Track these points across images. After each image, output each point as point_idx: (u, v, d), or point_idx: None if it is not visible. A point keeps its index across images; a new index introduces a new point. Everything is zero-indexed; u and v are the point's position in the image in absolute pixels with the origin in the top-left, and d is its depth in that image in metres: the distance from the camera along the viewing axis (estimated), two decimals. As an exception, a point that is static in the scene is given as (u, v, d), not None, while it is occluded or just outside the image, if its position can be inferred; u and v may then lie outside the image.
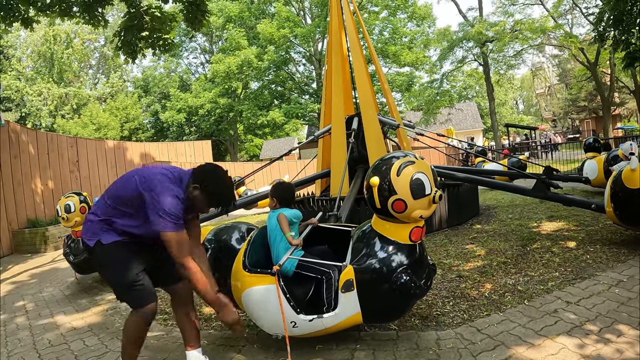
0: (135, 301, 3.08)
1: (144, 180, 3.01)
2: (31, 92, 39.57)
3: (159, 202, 2.90)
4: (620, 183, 4.95)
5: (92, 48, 48.60)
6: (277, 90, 39.75)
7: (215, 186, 3.08)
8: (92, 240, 3.09)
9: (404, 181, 2.97)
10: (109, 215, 3.10)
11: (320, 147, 9.39)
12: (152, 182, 2.98)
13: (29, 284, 7.59)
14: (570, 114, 52.04)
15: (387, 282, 3.08)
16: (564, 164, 17.57)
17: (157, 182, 2.98)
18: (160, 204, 2.90)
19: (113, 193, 3.14)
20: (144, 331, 3.16)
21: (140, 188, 2.99)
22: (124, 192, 3.08)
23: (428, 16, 35.95)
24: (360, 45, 9.21)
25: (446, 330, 3.62)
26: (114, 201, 3.10)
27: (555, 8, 29.85)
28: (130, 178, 3.09)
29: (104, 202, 3.15)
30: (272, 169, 18.32)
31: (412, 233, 3.13)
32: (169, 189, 2.97)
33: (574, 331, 3.33)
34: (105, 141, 16.21)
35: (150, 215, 2.93)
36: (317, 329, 3.27)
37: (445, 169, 8.76)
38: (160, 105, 45.93)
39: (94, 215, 3.16)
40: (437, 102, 32.53)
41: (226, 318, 3.09)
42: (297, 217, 3.71)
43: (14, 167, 11.50)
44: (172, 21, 10.75)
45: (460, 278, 4.84)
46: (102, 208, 3.14)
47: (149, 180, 2.99)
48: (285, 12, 34.35)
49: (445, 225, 7.74)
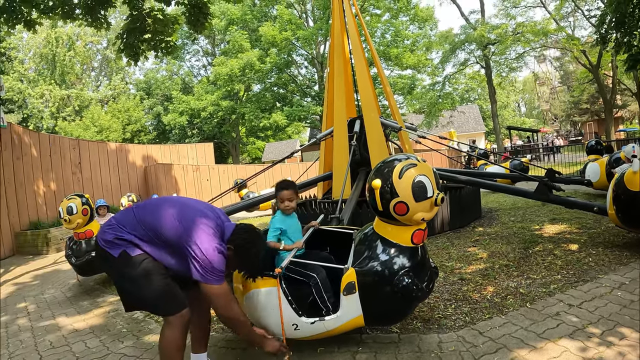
0: (173, 307, 2.98)
1: (186, 226, 2.95)
2: (33, 94, 39.64)
3: (206, 259, 2.87)
4: (623, 186, 4.94)
5: (95, 50, 48.69)
6: (280, 93, 39.75)
7: (248, 258, 3.07)
8: (115, 249, 2.97)
9: (406, 184, 2.97)
10: (141, 239, 3.00)
11: (323, 150, 9.39)
12: (197, 232, 2.92)
13: (30, 285, 7.60)
14: (572, 116, 52.00)
15: (389, 285, 3.07)
16: (566, 167, 17.54)
17: (203, 233, 2.92)
18: (208, 261, 2.87)
19: (149, 223, 3.02)
20: (184, 339, 3.03)
21: (182, 236, 2.93)
22: (162, 229, 2.98)
23: (430, 19, 35.92)
24: (363, 48, 9.21)
25: (448, 333, 3.61)
26: (149, 231, 3.00)
27: (557, 10, 29.84)
28: (169, 216, 3.01)
29: (136, 223, 3.03)
30: (274, 172, 18.31)
31: (414, 236, 3.12)
32: (215, 243, 2.93)
33: (576, 334, 3.32)
34: (108, 143, 16.25)
35: (194, 266, 2.89)
36: (319, 332, 3.27)
37: (447, 171, 8.76)
38: (163, 108, 45.98)
39: (120, 227, 3.03)
40: (439, 105, 32.53)
41: (270, 349, 3.16)
42: (279, 226, 3.67)
43: (17, 168, 11.52)
44: (174, 24, 10.77)
45: (463, 281, 4.83)
46: (133, 227, 3.02)
47: (192, 229, 2.93)
48: (288, 15, 34.36)
49: (447, 227, 7.74)
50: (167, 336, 2.97)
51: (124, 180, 16.27)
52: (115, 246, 2.97)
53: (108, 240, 3.00)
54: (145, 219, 3.03)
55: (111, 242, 2.98)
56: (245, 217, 13.70)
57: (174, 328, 2.96)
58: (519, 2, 30.82)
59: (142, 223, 3.01)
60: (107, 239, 3.00)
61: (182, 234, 2.93)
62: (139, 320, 4.92)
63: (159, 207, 3.11)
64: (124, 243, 2.97)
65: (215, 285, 2.90)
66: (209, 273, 2.87)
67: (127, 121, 41.77)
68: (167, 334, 2.97)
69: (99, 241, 3.04)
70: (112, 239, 2.99)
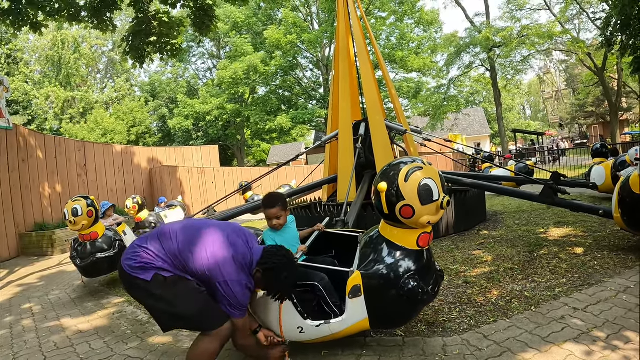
0: (217, 321, 2.99)
1: (215, 261, 2.94)
2: (39, 95, 39.77)
3: (234, 295, 2.93)
4: (628, 189, 4.92)
5: (100, 53, 48.83)
6: (285, 96, 39.78)
7: (278, 282, 3.05)
8: (146, 274, 2.95)
9: (412, 187, 2.96)
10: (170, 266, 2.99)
11: (328, 153, 9.39)
12: (225, 269, 2.93)
13: (35, 286, 7.63)
14: (577, 119, 51.85)
15: (395, 288, 3.07)
16: (572, 170, 17.48)
17: (232, 270, 2.95)
18: (234, 297, 2.93)
19: (178, 255, 3.00)
20: (219, 352, 3.07)
21: (212, 271, 2.94)
22: (191, 263, 2.97)
23: (435, 22, 35.87)
24: (368, 51, 9.21)
25: (452, 337, 3.60)
26: (176, 261, 3.00)
27: (562, 13, 29.79)
28: (199, 251, 2.98)
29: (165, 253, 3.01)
30: (279, 174, 18.33)
31: (419, 239, 3.12)
32: (243, 280, 2.98)
33: (581, 338, 3.31)
34: (113, 145, 16.30)
35: (221, 299, 2.96)
36: (324, 335, 3.26)
37: (452, 174, 8.75)
38: (168, 110, 46.08)
39: (149, 255, 3.00)
40: (444, 108, 32.49)
41: (277, 357, 3.26)
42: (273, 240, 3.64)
43: (22, 170, 11.57)
44: (179, 26, 10.82)
45: (467, 284, 4.82)
46: (162, 257, 3.00)
47: (222, 265, 2.93)
48: (292, 18, 34.39)
49: (452, 231, 7.72)
50: (206, 348, 2.99)
51: (129, 183, 16.32)
52: (146, 270, 2.96)
53: (136, 267, 2.98)
54: (172, 249, 3.01)
55: (140, 267, 2.97)
56: (250, 220, 13.69)
57: (215, 341, 2.99)
58: (524, 4, 30.72)
59: (169, 253, 3.01)
60: (135, 265, 2.99)
61: (212, 269, 2.94)
62: (143, 322, 4.93)
63: (188, 239, 3.05)
64: (154, 268, 2.97)
65: (239, 319, 3.02)
66: (234, 307, 2.97)
67: (132, 123, 41.88)
68: (207, 346, 2.99)
69: (125, 268, 3.00)
70: (142, 265, 2.98)
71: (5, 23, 9.89)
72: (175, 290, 2.95)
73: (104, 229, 6.48)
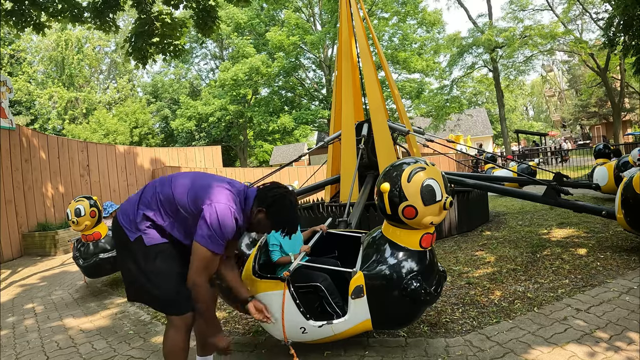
0: (182, 308, 2.92)
1: (202, 188, 2.89)
2: (42, 94, 39.83)
3: (217, 220, 2.76)
4: (631, 189, 4.91)
5: (103, 53, 48.91)
6: (287, 97, 39.81)
7: (283, 212, 2.97)
8: (132, 233, 2.92)
9: (415, 187, 2.96)
10: (159, 214, 2.93)
11: (330, 153, 9.39)
12: (213, 193, 2.85)
13: (38, 286, 7.64)
14: (580, 120, 51.80)
15: (398, 289, 3.07)
16: (574, 171, 17.47)
17: (220, 194, 2.85)
18: (217, 224, 2.76)
19: (166, 193, 2.93)
20: (188, 341, 3.01)
21: (198, 198, 2.84)
22: (177, 196, 2.90)
23: (438, 22, 35.85)
24: (370, 52, 9.21)
25: (455, 338, 3.60)
26: (165, 202, 2.92)
27: (565, 13, 29.79)
28: (182, 185, 2.94)
29: (152, 195, 2.97)
30: (282, 175, 18.32)
31: (422, 239, 3.12)
32: (231, 207, 2.84)
33: (584, 339, 3.30)
34: (116, 146, 16.32)
35: (200, 227, 2.78)
36: (327, 335, 3.26)
37: (455, 175, 8.74)
38: (171, 112, 46.14)
39: (144, 206, 2.96)
40: (446, 109, 32.51)
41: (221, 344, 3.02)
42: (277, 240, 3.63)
43: (25, 170, 11.59)
44: (182, 27, 10.84)
45: (470, 285, 4.81)
46: (150, 201, 2.96)
47: (209, 191, 2.86)
48: (295, 19, 34.42)
49: (455, 231, 7.72)
50: (174, 341, 2.94)
51: (132, 183, 16.33)
52: (134, 228, 2.92)
53: (128, 220, 2.95)
54: (163, 189, 2.96)
55: (131, 221, 2.94)
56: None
57: (180, 331, 2.94)
58: (527, 5, 30.71)
59: (159, 195, 2.94)
60: (125, 212, 2.98)
61: (198, 194, 2.87)
62: (146, 323, 4.94)
63: (175, 177, 3.03)
64: (143, 224, 2.92)
65: (205, 248, 2.79)
66: (212, 238, 2.76)
67: (134, 124, 41.94)
68: (174, 338, 2.94)
69: (118, 216, 3.01)
70: (132, 218, 2.94)
71: (8, 24, 9.92)
72: (154, 266, 2.88)
73: (107, 230, 6.49)
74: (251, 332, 4.24)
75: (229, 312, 4.82)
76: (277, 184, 3.08)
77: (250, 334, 4.21)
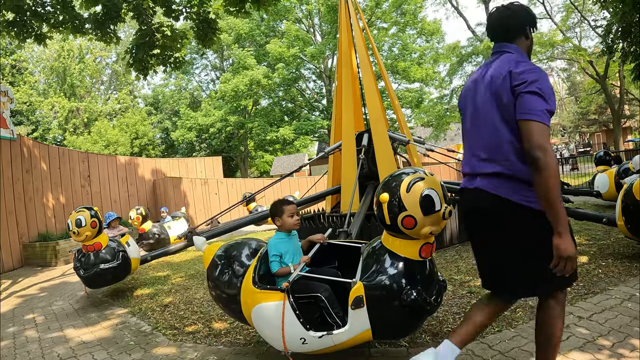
0: (566, 280, 2.52)
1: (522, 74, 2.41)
2: (45, 102, 39.92)
3: (548, 90, 2.36)
4: (632, 196, 4.91)
5: (104, 64, 49.13)
6: (288, 107, 39.93)
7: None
8: (533, 202, 2.46)
9: (414, 197, 2.96)
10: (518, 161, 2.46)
11: (331, 164, 9.40)
12: (535, 72, 2.41)
13: (39, 297, 7.63)
14: (580, 127, 51.86)
15: (397, 299, 3.06)
16: (575, 178, 17.47)
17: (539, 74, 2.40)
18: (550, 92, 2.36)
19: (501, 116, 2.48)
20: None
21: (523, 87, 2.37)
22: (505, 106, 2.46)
23: (437, 32, 36.04)
24: (370, 62, 9.25)
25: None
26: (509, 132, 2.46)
27: (564, 22, 29.92)
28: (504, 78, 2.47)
29: (506, 142, 2.48)
30: (283, 186, 18.34)
31: (422, 249, 3.11)
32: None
33: (587, 346, 3.30)
34: (117, 157, 16.36)
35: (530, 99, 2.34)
36: (327, 346, 3.25)
37: (455, 184, 8.73)
38: (171, 123, 46.26)
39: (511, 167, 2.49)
40: (446, 118, 32.56)
41: (562, 248, 2.37)
42: (278, 250, 3.60)
43: (26, 181, 11.62)
44: (183, 38, 10.91)
45: (472, 294, 4.80)
46: (510, 152, 2.48)
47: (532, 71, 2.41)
48: (295, 31, 34.59)
49: (456, 241, 7.71)
50: (558, 321, 2.65)
51: (132, 194, 16.36)
52: (527, 198, 2.48)
53: (508, 188, 2.51)
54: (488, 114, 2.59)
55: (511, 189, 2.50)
56: (254, 231, 13.71)
57: (563, 306, 2.66)
58: (526, 14, 30.80)
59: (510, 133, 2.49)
60: (510, 186, 2.51)
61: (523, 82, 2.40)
62: (147, 333, 4.92)
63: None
64: (524, 190, 2.47)
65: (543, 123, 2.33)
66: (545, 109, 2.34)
67: (134, 135, 42.04)
68: (557, 319, 2.65)
69: (502, 191, 2.52)
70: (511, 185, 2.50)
71: (9, 34, 9.98)
72: (545, 231, 2.42)
73: (108, 240, 6.48)
74: (252, 342, 4.23)
75: (230, 322, 4.81)
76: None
77: (251, 344, 4.20)
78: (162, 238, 10.33)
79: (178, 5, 10.63)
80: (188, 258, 9.75)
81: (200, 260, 8.65)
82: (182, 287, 6.90)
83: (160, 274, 8.22)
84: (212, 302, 5.42)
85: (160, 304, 6.08)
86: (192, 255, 9.93)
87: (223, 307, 3.93)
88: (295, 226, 3.70)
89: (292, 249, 3.65)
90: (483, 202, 2.61)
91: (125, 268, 6.44)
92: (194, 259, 9.47)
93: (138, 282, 7.77)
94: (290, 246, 3.66)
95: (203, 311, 5.44)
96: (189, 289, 6.71)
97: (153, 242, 10.09)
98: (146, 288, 7.18)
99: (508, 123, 2.47)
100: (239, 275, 3.67)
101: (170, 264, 9.31)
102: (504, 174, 2.50)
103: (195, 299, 6.07)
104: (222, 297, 3.82)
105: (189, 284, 7.06)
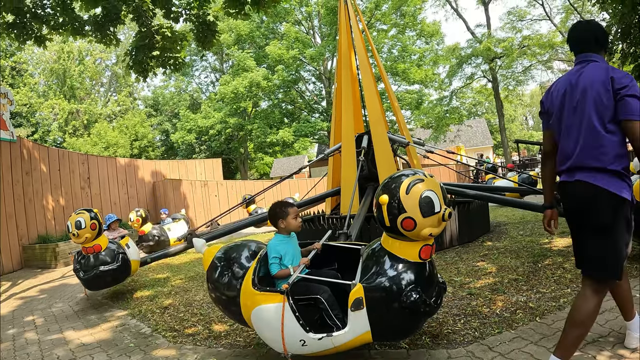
0: (619, 270, 2.91)
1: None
2: (45, 103, 39.93)
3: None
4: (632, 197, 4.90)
5: (104, 66, 49.15)
6: (287, 109, 39.93)
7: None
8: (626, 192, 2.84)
9: (413, 199, 2.96)
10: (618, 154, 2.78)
11: (331, 166, 9.39)
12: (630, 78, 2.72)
13: (38, 299, 7.62)
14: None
15: (397, 301, 3.05)
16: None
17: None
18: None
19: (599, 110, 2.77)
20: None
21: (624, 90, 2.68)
22: (603, 105, 2.75)
23: (437, 33, 36.09)
24: (370, 64, 9.25)
25: (457, 349, 3.58)
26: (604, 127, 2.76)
27: (563, 23, 29.94)
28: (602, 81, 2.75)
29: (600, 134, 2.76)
30: (283, 188, 18.35)
31: (421, 251, 3.11)
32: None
33: (587, 348, 3.29)
34: (117, 159, 16.36)
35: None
36: (327, 348, 3.25)
37: (455, 186, 8.74)
38: (171, 125, 46.26)
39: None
40: (446, 119, 32.57)
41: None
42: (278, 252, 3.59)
43: (26, 183, 11.61)
44: (182, 40, 10.92)
45: (471, 296, 4.80)
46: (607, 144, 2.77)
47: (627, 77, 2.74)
48: (294, 33, 34.60)
49: (456, 242, 7.70)
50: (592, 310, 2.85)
51: (132, 196, 16.35)
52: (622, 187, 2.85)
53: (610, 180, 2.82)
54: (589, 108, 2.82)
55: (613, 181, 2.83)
56: (254, 233, 13.70)
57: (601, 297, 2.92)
58: (525, 15, 30.91)
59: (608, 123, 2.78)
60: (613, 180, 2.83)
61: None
62: (147, 335, 4.92)
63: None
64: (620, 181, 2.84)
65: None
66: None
67: (134, 137, 42.04)
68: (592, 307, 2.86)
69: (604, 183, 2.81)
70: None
71: (9, 36, 9.99)
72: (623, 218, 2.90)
73: (107, 242, 6.47)
74: (252, 344, 4.22)
75: (230, 324, 4.81)
76: None
77: (251, 346, 4.20)
78: (161, 240, 10.32)
79: (178, 7, 10.64)
80: (188, 260, 9.75)
81: (200, 262, 8.65)
82: (181, 289, 6.90)
83: (160, 276, 8.21)
84: (212, 304, 5.41)
85: (160, 306, 6.08)
86: (191, 257, 9.93)
87: (223, 309, 3.93)
88: (298, 228, 3.71)
89: (291, 251, 3.64)
90: (586, 192, 2.85)
91: (125, 270, 6.43)
92: (194, 261, 9.47)
93: (138, 284, 7.76)
94: (290, 248, 3.65)
95: (203, 313, 5.43)
96: (189, 291, 6.70)
97: (153, 244, 10.09)
98: (146, 290, 7.17)
99: (604, 123, 2.76)
100: (238, 277, 3.66)
101: (170, 266, 9.30)
102: (601, 168, 2.78)
103: (195, 301, 6.06)
104: (221, 299, 3.81)
105: (189, 286, 7.05)
